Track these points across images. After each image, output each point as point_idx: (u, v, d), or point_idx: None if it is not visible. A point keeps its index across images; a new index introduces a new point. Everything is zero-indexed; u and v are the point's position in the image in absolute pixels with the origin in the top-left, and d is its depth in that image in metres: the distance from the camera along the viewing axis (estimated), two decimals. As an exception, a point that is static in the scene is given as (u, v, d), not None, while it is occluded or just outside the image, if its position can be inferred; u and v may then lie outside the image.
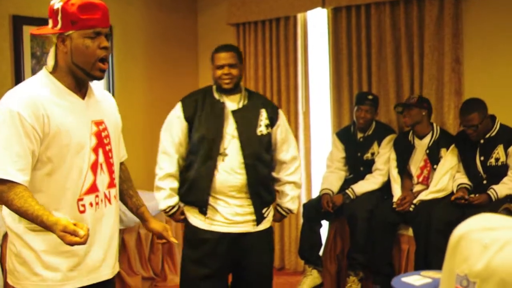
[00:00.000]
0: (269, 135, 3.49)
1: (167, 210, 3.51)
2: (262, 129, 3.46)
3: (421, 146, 4.60)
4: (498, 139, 4.29)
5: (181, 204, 3.54)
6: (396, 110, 4.74)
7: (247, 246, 3.43)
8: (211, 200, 3.38)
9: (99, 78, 2.33)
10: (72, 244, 2.02)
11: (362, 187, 4.74)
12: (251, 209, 3.41)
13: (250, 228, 3.43)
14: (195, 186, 3.40)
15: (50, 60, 2.31)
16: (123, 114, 2.40)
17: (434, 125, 4.62)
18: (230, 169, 3.36)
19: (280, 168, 3.59)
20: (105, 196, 2.38)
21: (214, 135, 3.38)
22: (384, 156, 4.76)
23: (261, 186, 3.44)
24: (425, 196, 4.45)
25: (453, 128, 4.73)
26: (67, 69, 2.28)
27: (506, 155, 4.27)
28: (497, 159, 4.29)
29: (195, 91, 3.65)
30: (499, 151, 4.29)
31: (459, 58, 4.77)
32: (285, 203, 3.61)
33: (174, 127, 3.50)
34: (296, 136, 5.60)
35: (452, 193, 4.38)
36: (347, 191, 4.75)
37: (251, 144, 3.41)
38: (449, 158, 4.48)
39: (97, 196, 2.34)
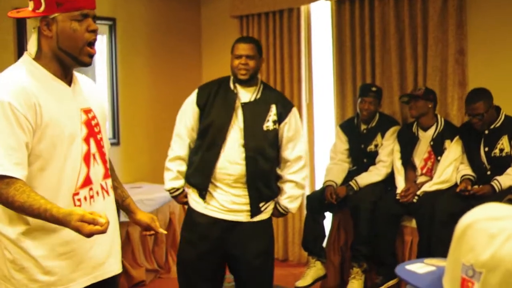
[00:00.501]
0: (275, 131, 3.49)
1: (172, 191, 3.61)
2: (269, 124, 3.47)
3: (425, 137, 4.60)
4: (502, 129, 4.29)
5: (186, 188, 3.61)
6: (402, 101, 4.74)
7: (240, 236, 3.46)
8: (210, 186, 3.45)
9: (88, 64, 2.17)
10: (92, 234, 1.87)
11: (365, 178, 4.74)
12: (247, 200, 3.44)
13: (243, 218, 3.46)
14: (199, 170, 3.48)
15: (33, 46, 2.12)
16: (127, 107, 2.45)
17: (439, 116, 4.62)
18: (231, 159, 3.41)
19: (284, 166, 3.58)
20: (102, 187, 2.24)
21: (221, 124, 3.44)
22: (387, 148, 4.76)
23: (260, 180, 3.45)
24: (429, 187, 4.45)
25: (457, 119, 4.73)
26: (52, 55, 2.12)
27: (511, 146, 4.26)
28: (501, 150, 4.29)
29: (214, 80, 3.69)
30: (504, 142, 4.28)
31: (463, 50, 4.76)
32: (282, 201, 3.59)
33: (187, 112, 3.58)
34: (300, 128, 5.60)
35: (456, 185, 4.39)
36: (350, 182, 4.75)
37: (255, 138, 3.43)
38: (453, 150, 4.48)
39: (91, 189, 2.19)
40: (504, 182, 4.19)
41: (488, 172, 4.31)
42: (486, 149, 4.33)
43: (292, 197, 3.59)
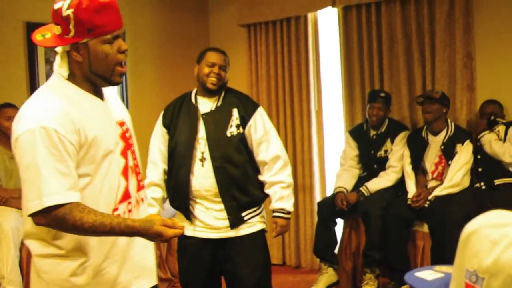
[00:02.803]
0: (240, 135, 3.35)
1: None
2: (232, 130, 3.35)
3: (436, 142, 4.61)
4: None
5: (176, 213, 3.51)
6: (417, 101, 4.71)
7: (231, 253, 3.37)
8: (191, 205, 3.36)
9: (119, 83, 2.15)
10: (174, 236, 1.90)
11: (376, 184, 4.75)
12: (225, 212, 3.34)
13: (231, 233, 3.35)
14: (176, 192, 3.39)
15: (64, 70, 2.07)
16: (136, 116, 2.45)
17: (449, 121, 4.63)
18: (205, 173, 3.31)
19: (263, 170, 3.40)
20: (137, 200, 2.21)
21: (186, 140, 3.34)
22: (397, 153, 4.77)
23: (234, 188, 3.32)
24: (439, 191, 4.45)
25: (466, 123, 4.73)
26: (84, 78, 2.07)
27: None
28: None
29: (177, 98, 3.59)
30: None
31: (471, 54, 4.77)
32: (274, 204, 3.41)
33: (157, 135, 3.50)
34: (309, 135, 5.62)
35: (468, 188, 4.40)
36: (361, 188, 4.76)
37: (219, 147, 3.31)
38: (464, 153, 4.48)
39: (129, 202, 2.15)
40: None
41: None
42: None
43: (283, 197, 3.40)
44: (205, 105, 3.41)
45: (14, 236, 4.40)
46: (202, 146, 3.32)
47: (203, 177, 3.31)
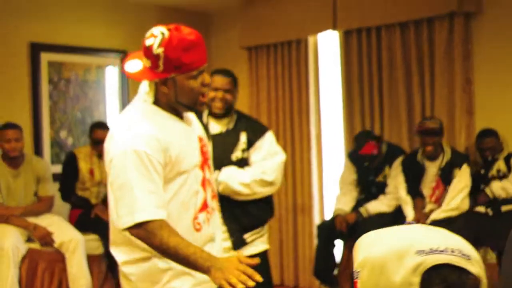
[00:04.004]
0: (244, 159, 3.35)
1: None
2: (238, 154, 3.35)
3: (432, 167, 4.62)
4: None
5: None
6: (417, 135, 4.70)
7: None
8: None
9: (202, 111, 2.39)
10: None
11: (375, 207, 4.77)
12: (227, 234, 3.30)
13: (234, 254, 3.34)
14: None
15: (151, 97, 2.24)
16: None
17: (444, 145, 4.64)
18: None
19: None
20: (211, 209, 2.37)
21: None
22: (395, 179, 4.77)
23: (237, 210, 3.31)
24: (437, 215, 4.47)
25: (464, 147, 4.77)
26: (169, 105, 2.24)
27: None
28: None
29: None
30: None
31: (470, 79, 4.82)
32: (227, 170, 3.29)
33: None
34: (309, 158, 5.65)
35: (466, 212, 4.41)
36: (360, 209, 4.78)
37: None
38: (462, 177, 4.50)
39: (208, 212, 2.33)
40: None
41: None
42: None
43: (231, 177, 3.28)
44: (216, 126, 3.41)
45: (14, 255, 4.41)
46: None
47: None
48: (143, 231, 2.09)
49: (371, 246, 1.11)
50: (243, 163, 3.35)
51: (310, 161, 5.66)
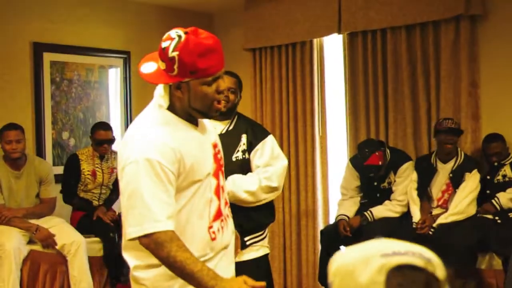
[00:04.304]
0: (245, 160, 3.31)
1: None
2: (238, 155, 3.32)
3: (445, 169, 4.61)
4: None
5: None
6: (437, 133, 4.65)
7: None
8: None
9: (215, 117, 2.32)
10: None
11: (380, 212, 4.73)
12: None
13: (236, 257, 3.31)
14: None
15: (165, 101, 2.19)
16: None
17: (459, 149, 4.63)
18: None
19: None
20: (226, 215, 2.35)
21: None
22: (401, 185, 4.73)
23: (238, 213, 3.14)
24: (444, 219, 4.43)
25: (471, 152, 4.73)
26: (183, 110, 2.20)
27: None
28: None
29: None
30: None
31: (476, 82, 4.78)
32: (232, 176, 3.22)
33: None
34: (313, 160, 5.62)
35: (473, 216, 4.39)
36: (365, 213, 4.74)
37: (224, 169, 3.29)
38: (470, 181, 4.48)
39: (222, 220, 2.29)
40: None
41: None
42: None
43: (237, 186, 3.22)
44: (216, 127, 3.33)
45: (16, 256, 4.38)
46: None
47: None
48: (152, 242, 2.05)
49: (342, 258, 1.20)
50: (243, 164, 3.31)
51: (315, 164, 5.62)
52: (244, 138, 3.35)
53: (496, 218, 4.29)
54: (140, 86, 6.03)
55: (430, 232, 4.42)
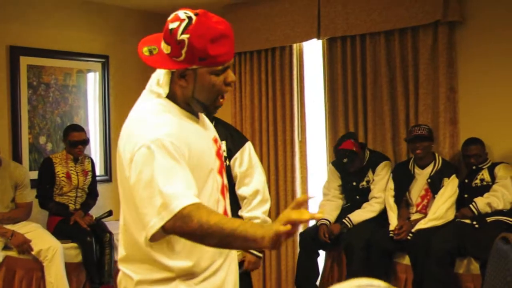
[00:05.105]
0: (226, 167, 3.32)
1: None
2: None
3: (423, 175, 4.63)
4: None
5: None
6: (406, 140, 4.74)
7: None
8: None
9: (213, 115, 2.14)
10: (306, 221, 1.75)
11: (359, 216, 4.74)
12: None
13: None
14: None
15: (165, 89, 1.98)
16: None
17: (436, 155, 4.66)
18: None
19: (243, 205, 3.31)
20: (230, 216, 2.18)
21: None
22: (379, 183, 4.77)
23: None
24: (424, 224, 4.45)
25: (449, 156, 4.76)
26: (184, 100, 1.98)
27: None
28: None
29: None
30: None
31: (454, 87, 4.81)
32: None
33: None
34: (292, 165, 5.61)
35: (452, 221, 4.40)
36: (344, 220, 4.74)
37: None
38: (449, 187, 4.50)
39: None
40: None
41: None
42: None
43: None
44: None
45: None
46: None
47: None
48: (178, 220, 1.77)
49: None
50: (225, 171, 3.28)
51: (294, 169, 5.62)
52: (223, 145, 3.34)
53: (474, 223, 4.31)
54: (119, 90, 6.00)
55: (409, 237, 4.43)
